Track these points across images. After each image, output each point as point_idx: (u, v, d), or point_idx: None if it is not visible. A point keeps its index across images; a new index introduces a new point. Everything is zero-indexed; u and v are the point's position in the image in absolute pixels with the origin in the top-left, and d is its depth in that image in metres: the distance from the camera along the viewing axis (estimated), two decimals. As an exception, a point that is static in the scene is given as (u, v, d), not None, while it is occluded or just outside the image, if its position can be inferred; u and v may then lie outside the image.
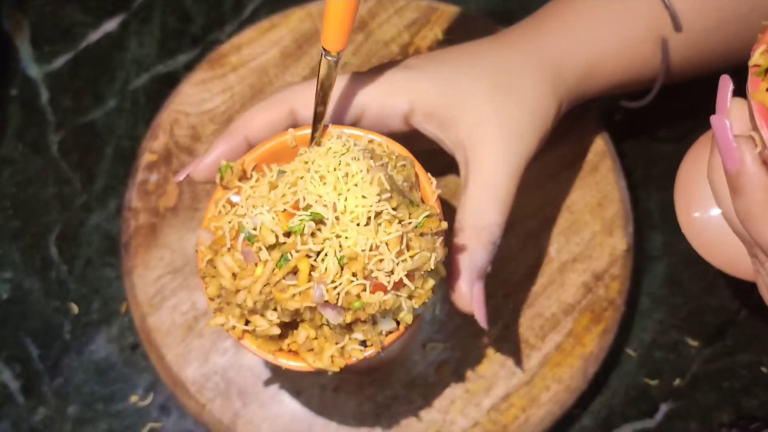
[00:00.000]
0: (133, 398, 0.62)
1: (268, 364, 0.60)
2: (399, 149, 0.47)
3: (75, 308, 0.65)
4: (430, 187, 0.45)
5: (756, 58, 0.37)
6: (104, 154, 0.69)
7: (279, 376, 0.60)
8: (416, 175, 0.46)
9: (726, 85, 0.39)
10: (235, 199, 0.47)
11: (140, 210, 0.64)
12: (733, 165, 0.37)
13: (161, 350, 0.60)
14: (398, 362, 0.60)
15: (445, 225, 0.43)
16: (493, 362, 0.59)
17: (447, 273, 0.46)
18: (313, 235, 0.40)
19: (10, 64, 0.72)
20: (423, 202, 0.45)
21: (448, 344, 0.60)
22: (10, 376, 0.63)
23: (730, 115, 0.38)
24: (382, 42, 0.68)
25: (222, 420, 0.59)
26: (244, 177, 0.47)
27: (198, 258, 0.45)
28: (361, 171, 0.40)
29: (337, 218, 0.40)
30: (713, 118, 0.38)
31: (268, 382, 0.59)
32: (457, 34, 0.67)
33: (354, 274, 0.40)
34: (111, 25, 0.73)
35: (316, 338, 0.44)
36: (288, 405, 0.59)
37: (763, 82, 0.36)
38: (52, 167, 0.69)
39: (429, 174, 0.46)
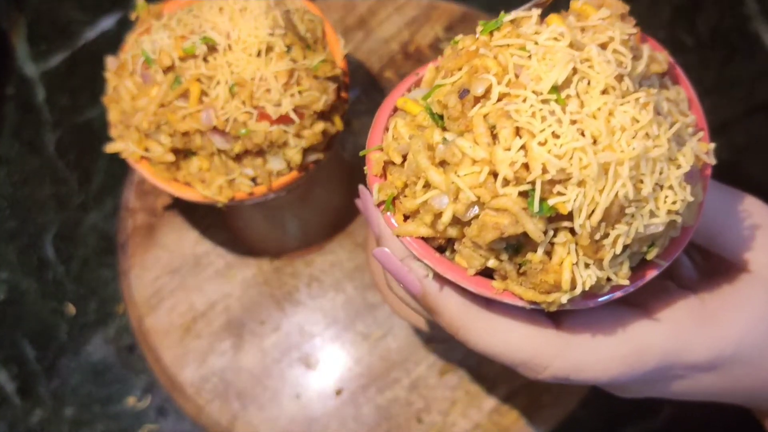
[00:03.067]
0: (131, 400, 0.62)
1: (267, 366, 0.59)
2: (312, 8, 0.49)
3: (72, 309, 0.64)
4: (338, 46, 0.48)
5: (376, 196, 0.34)
6: (101, 154, 0.68)
7: (279, 378, 0.59)
8: (324, 33, 0.48)
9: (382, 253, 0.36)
10: None
11: (138, 210, 0.63)
12: (415, 290, 0.36)
13: (159, 352, 0.60)
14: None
15: (338, 71, 0.45)
16: (495, 363, 0.58)
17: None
18: (206, 61, 0.43)
19: (7, 63, 0.71)
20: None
21: (448, 345, 0.59)
22: (7, 377, 0.63)
23: (390, 243, 0.36)
24: (383, 40, 0.67)
25: (220, 422, 0.58)
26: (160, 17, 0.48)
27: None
28: (259, 8, 0.43)
29: (230, 47, 0.43)
30: (376, 252, 0.36)
31: (267, 385, 0.59)
32: (457, 32, 0.67)
33: (243, 103, 0.42)
34: (108, 22, 0.72)
35: (208, 170, 0.46)
36: (287, 407, 0.58)
37: (395, 215, 0.33)
38: (49, 167, 0.68)
39: (339, 35, 0.49)
